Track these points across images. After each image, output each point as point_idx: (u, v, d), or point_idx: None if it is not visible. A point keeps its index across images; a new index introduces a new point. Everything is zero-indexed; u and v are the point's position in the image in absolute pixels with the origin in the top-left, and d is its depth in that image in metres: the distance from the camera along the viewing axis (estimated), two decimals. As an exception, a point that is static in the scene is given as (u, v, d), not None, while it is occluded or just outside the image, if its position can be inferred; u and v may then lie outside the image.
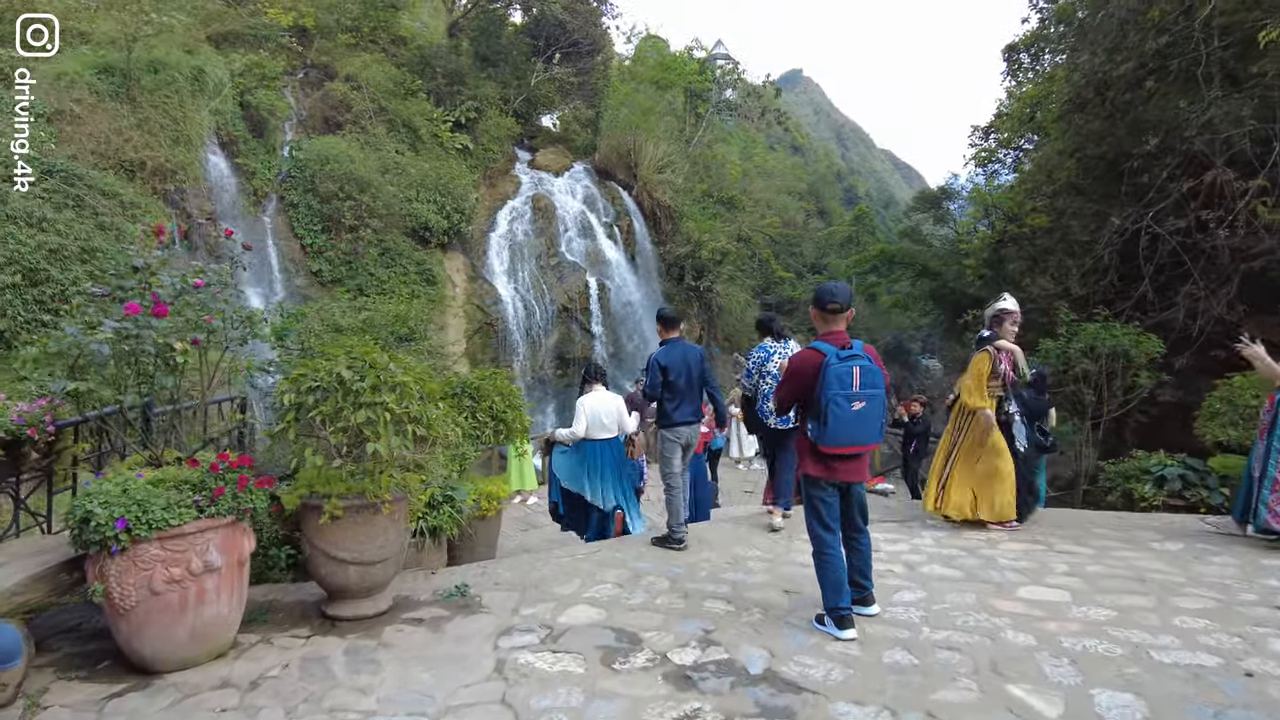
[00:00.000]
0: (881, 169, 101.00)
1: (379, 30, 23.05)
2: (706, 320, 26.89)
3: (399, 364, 4.27)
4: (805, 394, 4.35)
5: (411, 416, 4.18)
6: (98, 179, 15.21)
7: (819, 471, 4.26)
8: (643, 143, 26.59)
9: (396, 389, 4.14)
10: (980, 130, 28.07)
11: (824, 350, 4.19)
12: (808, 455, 4.30)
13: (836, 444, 4.16)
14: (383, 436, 4.04)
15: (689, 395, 6.13)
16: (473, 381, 6.00)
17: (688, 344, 6.34)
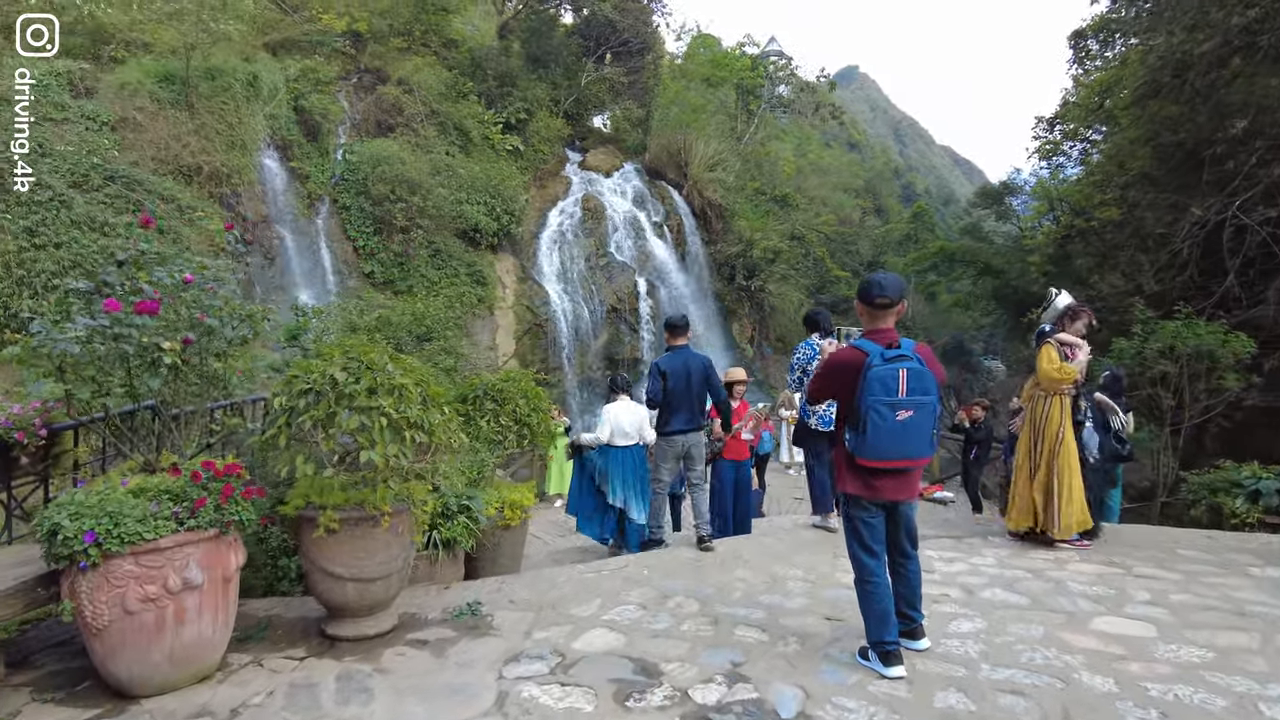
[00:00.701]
0: (941, 165, 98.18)
1: (430, 34, 23.10)
2: (758, 320, 26.22)
3: (400, 365, 3.91)
4: (842, 397, 3.84)
5: (411, 422, 3.80)
6: (157, 184, 15.46)
7: (859, 489, 3.73)
8: (693, 141, 26.08)
9: (395, 392, 3.77)
10: (1045, 122, 26.71)
11: (866, 350, 3.66)
12: (846, 469, 3.78)
13: (877, 457, 3.63)
14: (379, 444, 3.67)
15: (687, 403, 6.00)
16: (495, 384, 5.64)
17: (692, 352, 6.23)
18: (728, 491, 7.18)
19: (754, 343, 26.09)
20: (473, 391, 5.56)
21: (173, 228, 15.35)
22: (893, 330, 3.80)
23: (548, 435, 5.89)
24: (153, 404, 4.63)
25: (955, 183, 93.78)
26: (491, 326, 20.87)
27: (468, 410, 5.52)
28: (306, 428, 3.65)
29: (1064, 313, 5.93)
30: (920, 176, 78.78)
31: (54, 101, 15.50)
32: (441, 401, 4.05)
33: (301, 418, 3.66)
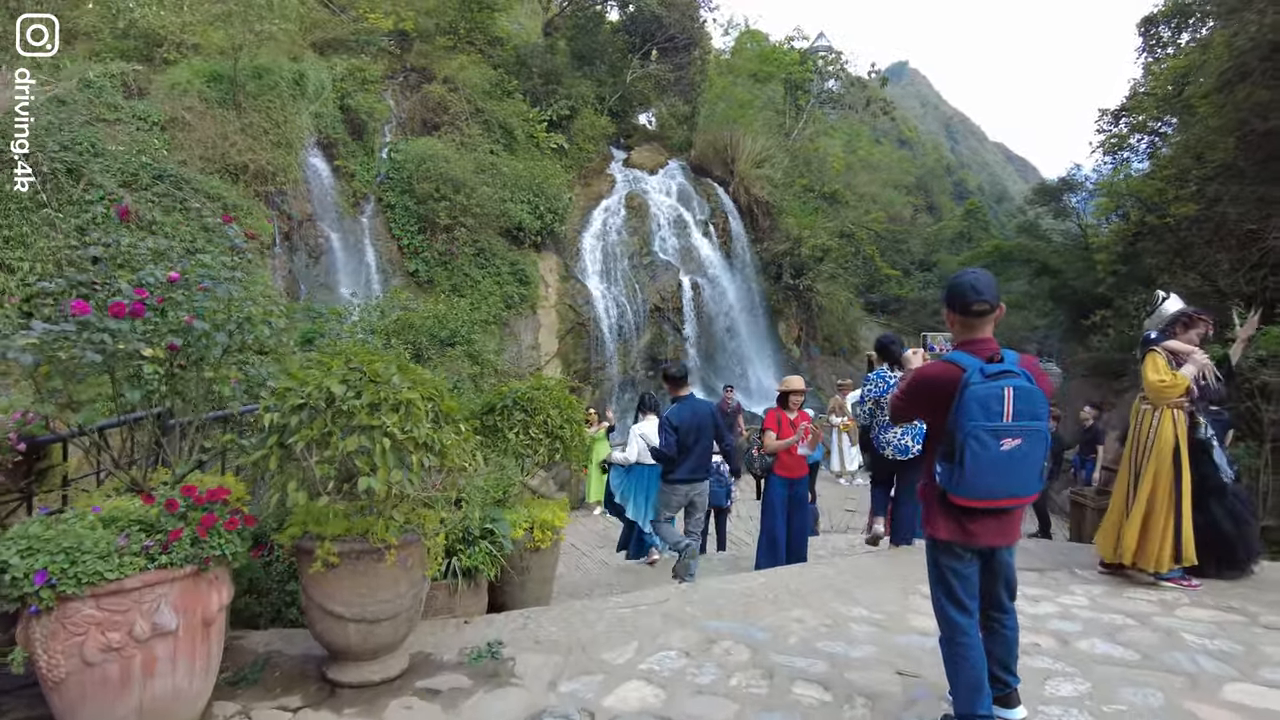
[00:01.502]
0: (993, 162, 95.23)
1: (475, 32, 22.77)
2: (805, 320, 25.35)
3: (409, 377, 3.37)
4: (932, 421, 3.18)
5: (419, 443, 3.26)
6: (203, 183, 15.37)
7: (951, 532, 3.07)
8: (740, 137, 25.32)
9: (401, 409, 3.23)
10: (1109, 114, 25.24)
11: (963, 364, 2.99)
12: (936, 509, 3.11)
13: (976, 495, 2.97)
14: (380, 468, 3.14)
15: (696, 453, 6.10)
16: (525, 393, 5.09)
17: (698, 400, 6.32)
18: (779, 512, 6.52)
19: (801, 343, 25.23)
20: (500, 401, 5.02)
21: (218, 226, 15.22)
22: (993, 340, 3.13)
23: (582, 449, 5.32)
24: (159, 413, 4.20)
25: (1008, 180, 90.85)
26: (534, 325, 20.48)
27: (495, 421, 4.99)
28: (299, 449, 3.13)
29: (1176, 319, 5.13)
30: (972, 174, 76.46)
31: (107, 103, 15.52)
32: (458, 418, 3.50)
33: (293, 438, 3.14)
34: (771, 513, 6.50)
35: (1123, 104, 23.50)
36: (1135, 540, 5.01)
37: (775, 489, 6.52)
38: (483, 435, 5.06)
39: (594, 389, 21.18)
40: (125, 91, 16.15)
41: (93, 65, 16.04)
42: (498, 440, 4.97)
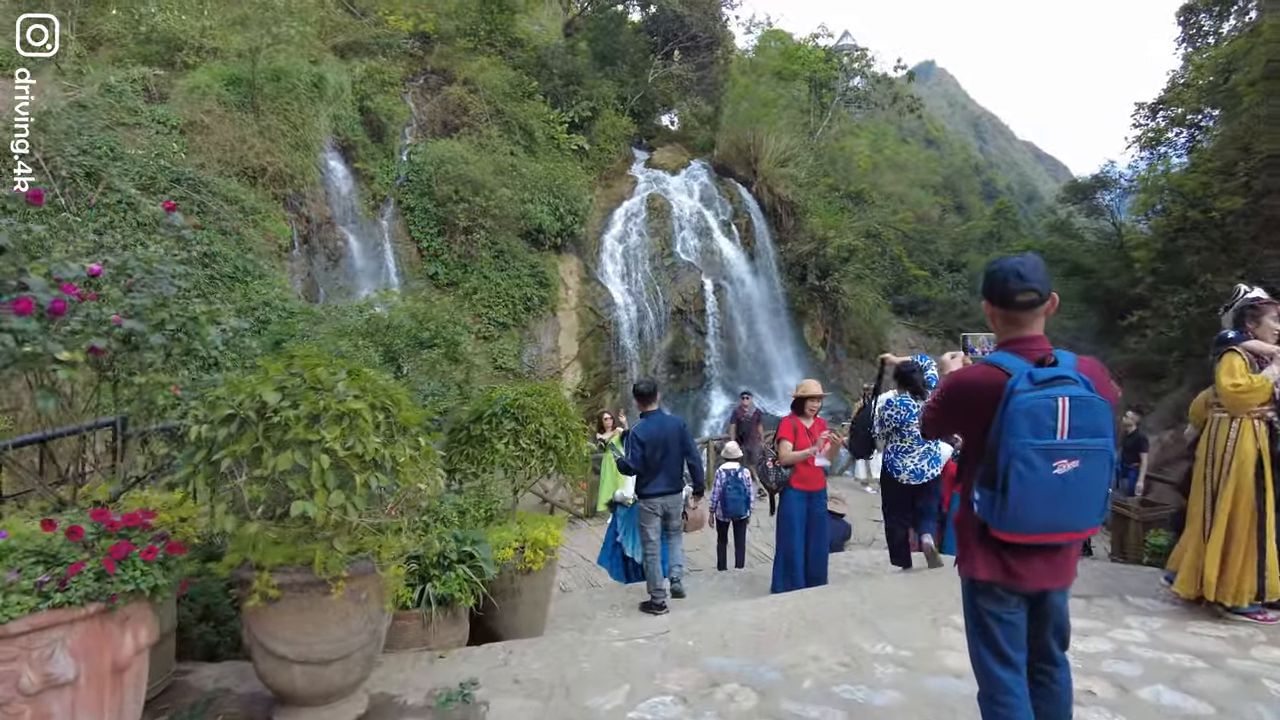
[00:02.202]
0: (1022, 161, 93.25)
1: (496, 33, 22.46)
2: (831, 322, 24.62)
3: (358, 383, 2.89)
4: (969, 436, 2.63)
5: (367, 460, 2.78)
6: (221, 185, 15.18)
7: (993, 572, 2.51)
8: (763, 136, 24.69)
9: (345, 420, 2.75)
10: (1146, 108, 24.24)
11: (1008, 368, 2.44)
12: (975, 544, 2.55)
13: (1023, 528, 2.41)
14: (318, 491, 2.67)
15: (665, 468, 6.02)
16: (515, 399, 4.60)
17: (666, 415, 6.27)
18: (797, 530, 5.94)
19: (826, 345, 24.51)
20: (489, 408, 4.54)
21: (235, 229, 15.06)
22: (1043, 339, 2.57)
23: (580, 462, 4.80)
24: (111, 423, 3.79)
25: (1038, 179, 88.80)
26: (554, 328, 20.08)
27: (482, 431, 4.51)
28: (225, 467, 2.67)
29: (1240, 312, 4.44)
30: (1001, 173, 74.79)
31: (127, 107, 15.38)
32: (416, 430, 3.02)
33: (220, 454, 2.68)
34: (789, 530, 5.93)
35: (1160, 97, 22.50)
36: (1216, 570, 4.35)
37: (792, 504, 5.95)
38: (469, 446, 4.59)
39: (614, 392, 20.71)
40: (146, 96, 16.02)
41: (115, 70, 15.93)
42: (485, 452, 4.49)
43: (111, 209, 13.90)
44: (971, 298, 37.21)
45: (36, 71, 15.69)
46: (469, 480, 4.42)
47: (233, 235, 14.98)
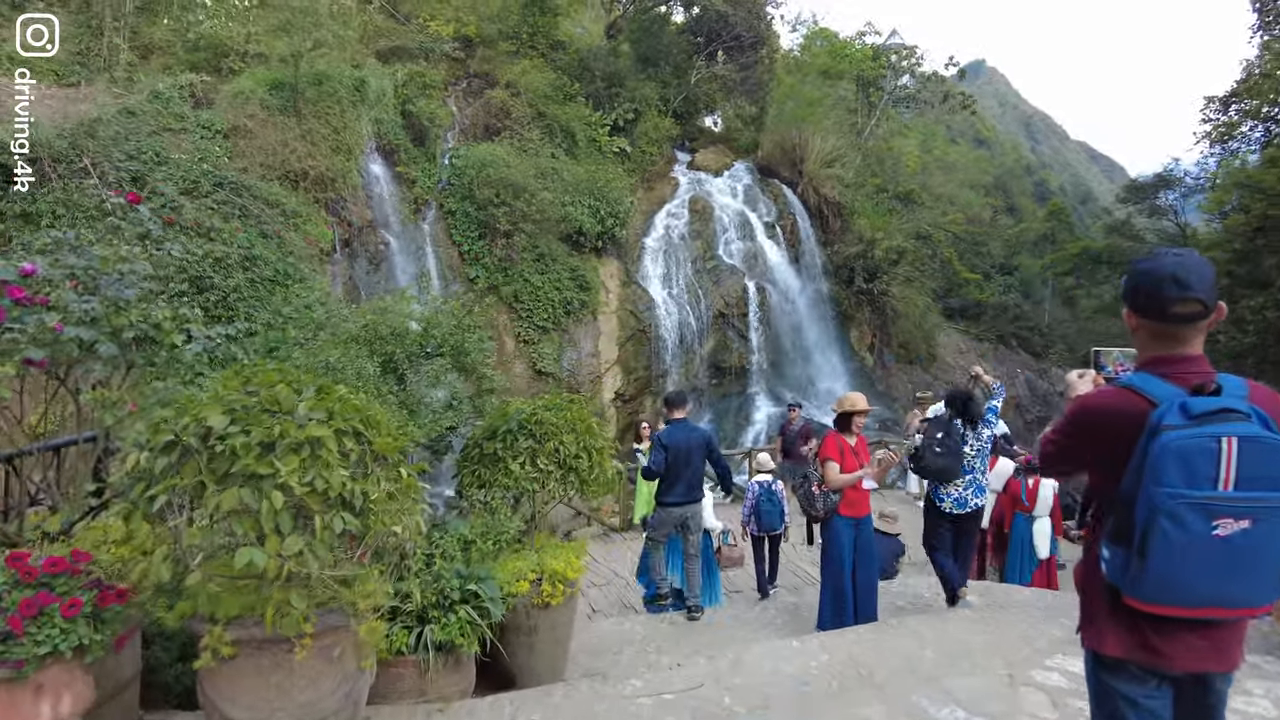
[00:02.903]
0: (1076, 162, 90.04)
1: (538, 36, 22.13)
2: (879, 326, 23.66)
3: (326, 404, 2.39)
4: (1097, 477, 2.05)
5: (332, 498, 2.28)
6: (263, 189, 15.08)
7: (1125, 647, 1.93)
8: (809, 136, 23.86)
9: (306, 448, 2.25)
10: (1217, 101, 22.77)
11: (1154, 395, 1.86)
12: (1104, 611, 1.97)
13: (1169, 599, 1.82)
14: (269, 536, 2.17)
15: (686, 476, 5.98)
16: (532, 414, 4.08)
17: (693, 425, 6.22)
18: (845, 561, 5.26)
19: (874, 351, 23.56)
20: (504, 424, 4.03)
21: (277, 232, 14.94)
22: (1203, 360, 1.94)
23: (604, 483, 4.26)
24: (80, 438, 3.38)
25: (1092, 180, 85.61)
26: (594, 332, 19.63)
27: (496, 449, 4.00)
28: (159, 506, 2.19)
29: None
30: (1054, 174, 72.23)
31: (174, 112, 15.41)
32: (396, 460, 2.50)
33: (155, 489, 2.20)
34: (838, 562, 5.25)
35: (1233, 89, 21.05)
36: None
37: (840, 532, 5.26)
38: (481, 466, 4.07)
39: (654, 397, 20.16)
40: (193, 101, 16.06)
41: (163, 77, 16.00)
42: (498, 473, 3.97)
43: (156, 213, 13.85)
44: (1025, 301, 35.74)
45: (90, 81, 15.94)
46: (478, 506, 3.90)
47: (274, 239, 14.86)
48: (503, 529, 3.86)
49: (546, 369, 18.65)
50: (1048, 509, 8.02)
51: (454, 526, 3.80)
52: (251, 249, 14.47)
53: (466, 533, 3.74)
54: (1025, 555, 8.05)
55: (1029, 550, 8.03)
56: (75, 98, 15.14)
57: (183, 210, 14.01)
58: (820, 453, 5.29)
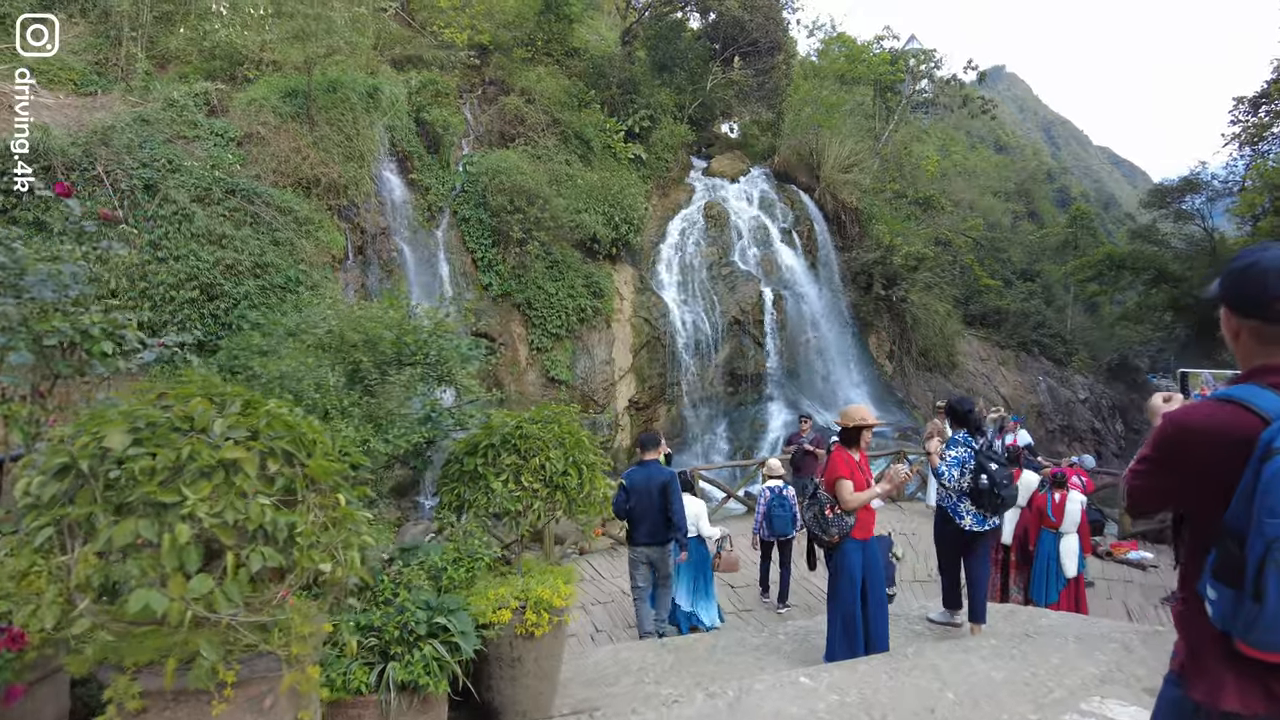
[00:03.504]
0: (1098, 168, 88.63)
1: (553, 43, 21.94)
2: (898, 334, 23.12)
3: (254, 419, 2.06)
4: (1197, 509, 1.78)
5: (251, 531, 1.94)
6: (275, 196, 14.95)
7: (1250, 700, 1.62)
8: (826, 141, 23.43)
9: (220, 472, 1.92)
10: (1247, 102, 22.10)
11: (1264, 410, 1.60)
12: (1211, 657, 1.68)
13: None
14: (172, 575, 1.84)
15: (650, 517, 6.03)
16: (517, 428, 3.74)
17: (658, 468, 6.24)
18: (855, 585, 4.86)
19: (893, 358, 23.02)
20: (485, 439, 3.70)
21: (288, 239, 14.80)
22: None
23: (594, 503, 3.91)
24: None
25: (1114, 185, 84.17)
26: (608, 340, 19.31)
27: (477, 466, 3.67)
28: (43, 540, 1.87)
29: None
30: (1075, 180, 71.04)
31: (188, 120, 15.33)
32: (333, 482, 2.17)
33: (40, 521, 1.88)
34: (848, 588, 4.78)
35: (1263, 89, 20.38)
36: None
37: (849, 557, 4.81)
38: (460, 485, 3.74)
39: (669, 405, 19.80)
40: (209, 109, 15.99)
41: (178, 86, 15.95)
42: (478, 492, 3.64)
43: (167, 220, 13.77)
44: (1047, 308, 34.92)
45: (107, 90, 15.93)
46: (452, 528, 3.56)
47: (285, 246, 14.72)
48: (477, 555, 3.52)
49: (560, 377, 18.37)
50: (1075, 525, 7.55)
51: (428, 551, 3.46)
52: (263, 256, 14.35)
53: (438, 559, 3.41)
54: (1051, 573, 7.59)
55: (1055, 568, 7.56)
56: (92, 106, 15.13)
57: (195, 217, 13.92)
58: (829, 472, 4.86)
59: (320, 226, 15.46)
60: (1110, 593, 8.53)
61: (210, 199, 14.29)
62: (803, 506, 5.10)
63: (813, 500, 4.85)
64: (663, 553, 6.16)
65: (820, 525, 4.78)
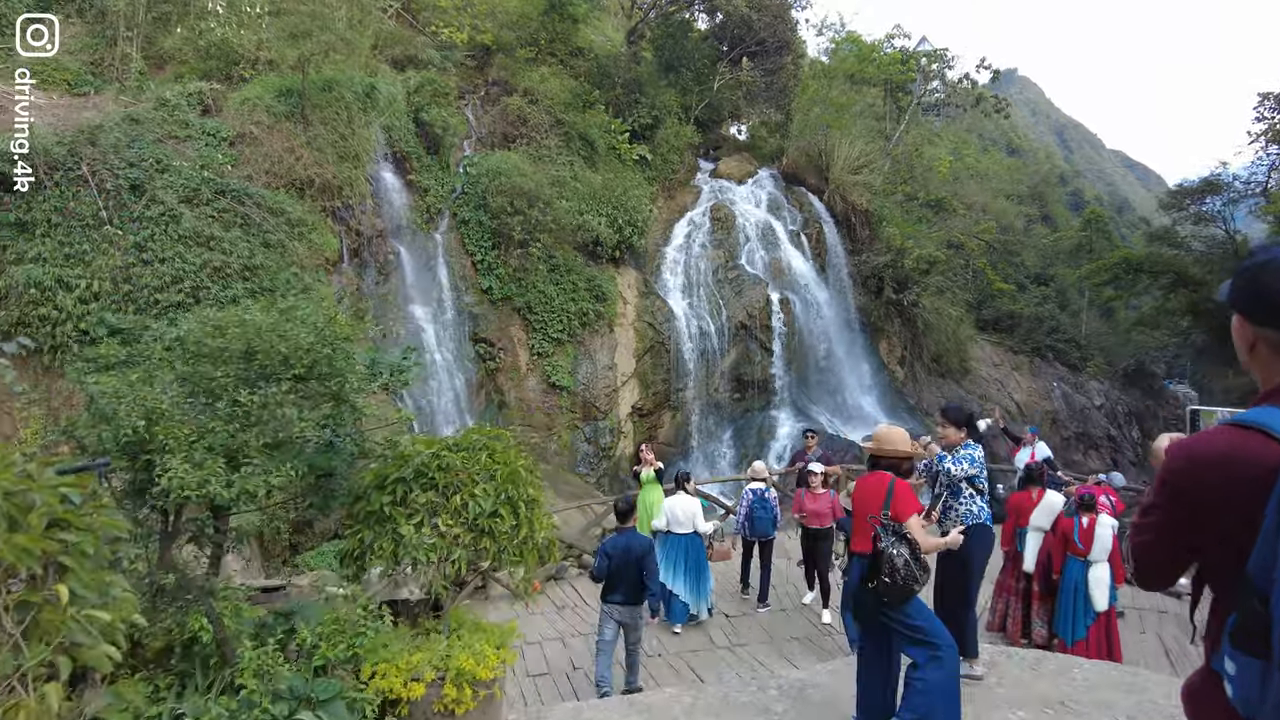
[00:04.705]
0: (1111, 171, 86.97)
1: (557, 43, 21.25)
2: (909, 338, 22.20)
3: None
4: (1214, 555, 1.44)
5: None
6: (267, 197, 14.35)
7: None
8: (835, 142, 22.58)
9: None
10: (1272, 98, 21.05)
11: None
12: None
13: None
14: None
15: (627, 581, 6.10)
16: (433, 458, 2.98)
17: (638, 537, 6.29)
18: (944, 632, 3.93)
19: (904, 364, 22.10)
20: (395, 472, 2.95)
21: (280, 241, 14.17)
22: None
23: (533, 550, 3.13)
24: None
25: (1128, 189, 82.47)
26: (611, 344, 18.57)
27: (382, 506, 2.92)
28: None
29: None
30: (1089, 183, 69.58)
31: (180, 120, 14.77)
32: (83, 544, 1.41)
33: None
34: (943, 641, 3.84)
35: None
36: None
37: (923, 609, 3.92)
38: (366, 527, 2.98)
39: (674, 412, 19.01)
40: (203, 109, 15.43)
41: (172, 85, 15.39)
42: (383, 537, 2.88)
43: (154, 222, 13.18)
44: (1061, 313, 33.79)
45: (99, 90, 15.39)
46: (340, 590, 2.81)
47: (276, 248, 14.09)
48: (360, 628, 2.75)
49: (561, 382, 17.66)
50: (1106, 553, 6.68)
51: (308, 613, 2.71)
52: (252, 258, 13.73)
53: (307, 633, 2.66)
54: (1080, 606, 6.73)
55: (1084, 600, 6.70)
56: (82, 106, 14.59)
57: (182, 219, 13.32)
58: (903, 508, 3.85)
59: (313, 228, 14.85)
60: (1143, 625, 7.64)
61: (199, 200, 13.70)
62: (881, 561, 3.93)
63: (899, 540, 3.75)
64: (634, 613, 6.17)
65: (911, 572, 3.68)
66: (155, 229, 13.16)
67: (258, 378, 2.66)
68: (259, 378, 2.66)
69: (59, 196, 12.70)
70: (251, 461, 2.39)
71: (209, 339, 2.76)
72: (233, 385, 2.54)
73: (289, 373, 2.72)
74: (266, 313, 2.97)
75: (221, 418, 2.49)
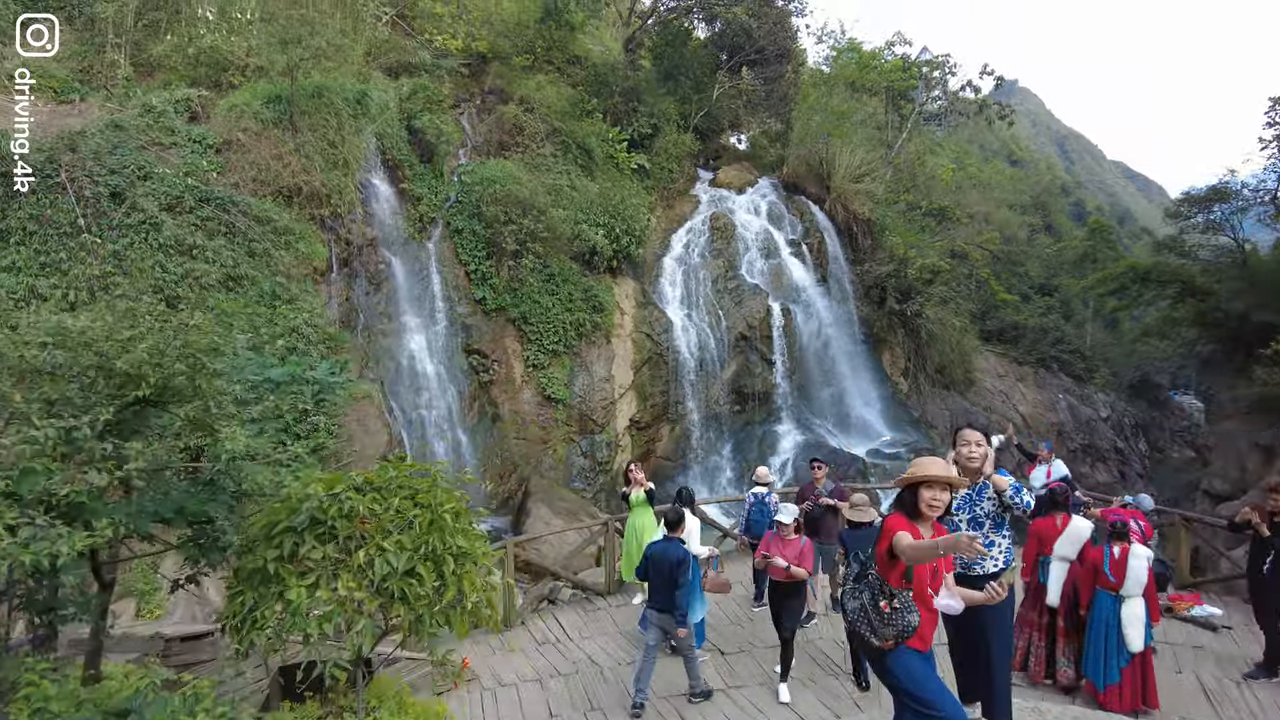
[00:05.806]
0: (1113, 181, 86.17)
1: (554, 50, 20.72)
2: (913, 349, 21.48)
3: None
4: None
5: None
6: (253, 205, 13.80)
7: None
8: (836, 150, 21.96)
9: None
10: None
11: None
12: None
13: None
14: None
15: (661, 588, 6.14)
16: (332, 501, 2.32)
17: (674, 545, 6.29)
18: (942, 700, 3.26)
19: (908, 375, 21.37)
20: (284, 520, 2.30)
21: (265, 250, 13.58)
22: None
23: (460, 617, 2.46)
24: None
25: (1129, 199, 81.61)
26: (608, 356, 17.91)
27: (270, 564, 2.27)
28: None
29: None
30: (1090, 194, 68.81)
31: (165, 126, 14.26)
32: None
33: None
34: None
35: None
36: None
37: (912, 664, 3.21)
38: (251, 588, 2.31)
39: (672, 425, 18.31)
40: (191, 116, 14.90)
41: (159, 92, 14.86)
42: (269, 602, 2.22)
43: (133, 229, 12.61)
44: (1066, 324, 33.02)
45: (85, 98, 14.88)
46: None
47: (262, 257, 13.50)
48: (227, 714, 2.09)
49: (556, 395, 17.00)
50: (1141, 586, 5.97)
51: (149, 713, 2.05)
52: (236, 267, 13.14)
53: None
54: (1112, 645, 6.01)
55: (1116, 639, 5.97)
56: (67, 113, 14.09)
57: (163, 227, 12.74)
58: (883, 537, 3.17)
59: (301, 237, 14.28)
60: (1178, 663, 6.89)
61: (182, 207, 13.16)
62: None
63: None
64: (667, 620, 6.16)
65: (868, 620, 3.07)
66: (135, 237, 12.60)
67: (84, 402, 2.03)
68: (85, 402, 2.03)
69: (35, 204, 12.17)
70: (146, 494, 1.77)
71: (7, 349, 2.11)
72: (38, 411, 1.90)
73: (129, 395, 2.09)
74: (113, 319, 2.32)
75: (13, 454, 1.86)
